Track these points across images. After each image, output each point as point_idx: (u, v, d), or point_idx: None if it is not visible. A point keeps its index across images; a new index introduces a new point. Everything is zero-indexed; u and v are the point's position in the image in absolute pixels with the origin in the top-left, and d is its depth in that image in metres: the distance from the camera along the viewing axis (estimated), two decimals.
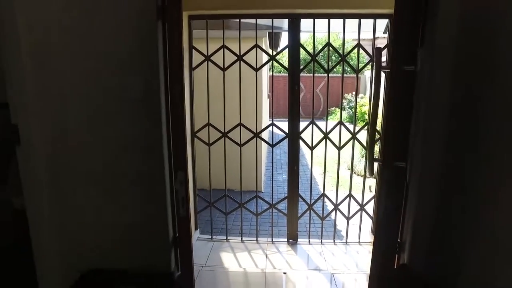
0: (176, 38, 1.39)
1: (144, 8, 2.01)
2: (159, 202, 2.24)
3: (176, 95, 1.39)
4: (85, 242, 2.35)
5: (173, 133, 1.54)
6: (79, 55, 2.09)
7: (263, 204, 3.15)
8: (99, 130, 2.19)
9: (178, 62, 1.39)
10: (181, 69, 1.39)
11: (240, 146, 2.90)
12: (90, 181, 2.27)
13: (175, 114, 1.44)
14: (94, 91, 2.13)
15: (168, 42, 1.69)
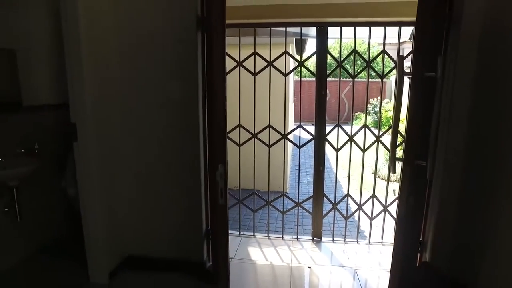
0: (220, 45, 1.57)
1: (186, 20, 2.24)
2: (195, 197, 2.46)
3: (219, 95, 1.57)
4: (127, 230, 2.61)
5: (214, 130, 1.71)
6: (130, 62, 2.36)
7: (289, 203, 3.30)
8: (143, 129, 2.45)
9: (221, 66, 1.58)
10: (224, 72, 1.57)
11: (269, 147, 3.07)
12: (133, 176, 2.53)
13: (218, 113, 1.61)
14: (141, 94, 2.39)
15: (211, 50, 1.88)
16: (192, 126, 2.36)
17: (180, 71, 2.32)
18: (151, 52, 2.33)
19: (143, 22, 2.32)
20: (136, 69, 2.37)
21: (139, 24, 2.32)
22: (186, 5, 2.24)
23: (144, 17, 2.31)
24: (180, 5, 2.25)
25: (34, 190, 2.81)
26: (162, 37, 2.31)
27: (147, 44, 2.33)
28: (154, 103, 2.39)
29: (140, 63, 2.36)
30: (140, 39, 2.33)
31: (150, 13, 2.30)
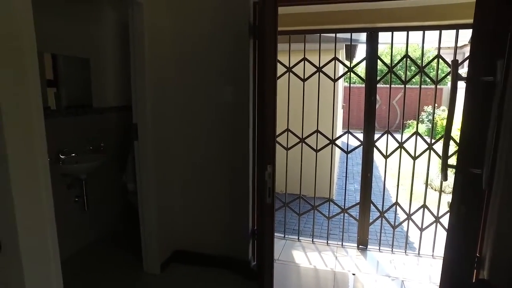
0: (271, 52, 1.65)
1: (240, 28, 2.38)
2: (243, 197, 2.57)
3: (270, 99, 1.65)
4: (177, 226, 2.78)
5: (263, 133, 1.80)
6: (186, 69, 2.55)
7: (335, 209, 3.28)
8: (196, 131, 2.61)
9: (272, 72, 1.65)
10: (275, 78, 1.65)
11: (316, 152, 3.09)
12: (185, 174, 2.70)
13: (268, 116, 1.69)
14: (196, 98, 2.56)
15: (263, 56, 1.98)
16: (243, 129, 2.48)
17: (233, 76, 2.46)
18: (206, 59, 2.50)
19: (199, 32, 2.49)
20: (191, 75, 2.55)
21: (195, 34, 2.50)
22: (240, 15, 2.38)
23: (200, 27, 2.49)
24: (234, 15, 2.39)
25: (99, 183, 3.12)
26: (217, 45, 2.47)
27: (202, 52, 2.50)
28: (208, 106, 2.55)
29: (196, 70, 2.54)
30: (196, 48, 2.52)
31: (206, 23, 2.47)
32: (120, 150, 3.34)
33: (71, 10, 2.77)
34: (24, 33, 1.47)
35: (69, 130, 2.80)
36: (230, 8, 2.40)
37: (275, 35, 1.66)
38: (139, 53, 2.31)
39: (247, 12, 2.38)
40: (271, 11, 1.68)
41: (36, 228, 1.59)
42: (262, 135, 2.00)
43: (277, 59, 1.69)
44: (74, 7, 2.81)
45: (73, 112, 2.83)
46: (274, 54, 1.66)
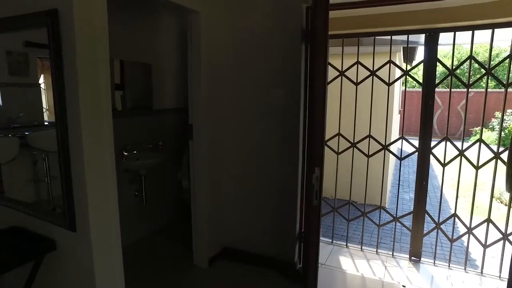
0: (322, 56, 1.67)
1: (292, 33, 2.42)
2: (291, 199, 2.60)
3: (320, 102, 1.67)
4: (226, 224, 2.89)
5: (313, 136, 1.82)
6: (239, 73, 2.65)
7: (386, 217, 3.15)
8: (247, 132, 2.70)
9: (322, 76, 1.67)
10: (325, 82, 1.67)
11: (368, 157, 3.01)
12: (235, 175, 2.80)
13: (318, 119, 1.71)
14: (248, 100, 2.66)
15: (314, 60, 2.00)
16: (293, 131, 2.52)
17: (285, 80, 2.51)
18: (260, 63, 2.58)
19: (253, 37, 2.58)
20: (245, 79, 2.65)
21: (249, 39, 2.60)
22: (292, 20, 2.42)
23: (254, 33, 2.57)
24: (287, 20, 2.44)
25: (156, 179, 3.36)
26: (270, 50, 2.53)
27: (256, 57, 2.59)
28: (260, 109, 2.63)
29: (249, 74, 2.63)
30: (249, 53, 2.61)
31: (260, 29, 2.55)
32: (176, 149, 3.57)
33: (136, 19, 3.04)
34: (99, 43, 1.67)
35: (132, 129, 3.07)
36: (283, 13, 2.46)
37: (326, 39, 1.67)
38: (196, 58, 2.47)
39: (299, 16, 2.41)
40: (322, 15, 1.70)
41: (103, 212, 1.78)
42: (311, 138, 2.01)
43: (327, 63, 1.70)
44: (139, 17, 3.08)
45: (136, 113, 3.10)
46: (324, 58, 1.68)
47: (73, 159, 1.68)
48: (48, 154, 2.39)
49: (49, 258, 1.90)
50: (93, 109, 1.66)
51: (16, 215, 2.12)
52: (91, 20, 1.60)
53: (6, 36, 2.01)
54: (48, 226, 1.91)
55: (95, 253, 1.73)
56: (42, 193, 2.31)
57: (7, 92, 2.20)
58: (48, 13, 1.56)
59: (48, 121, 2.58)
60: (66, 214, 1.75)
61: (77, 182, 1.70)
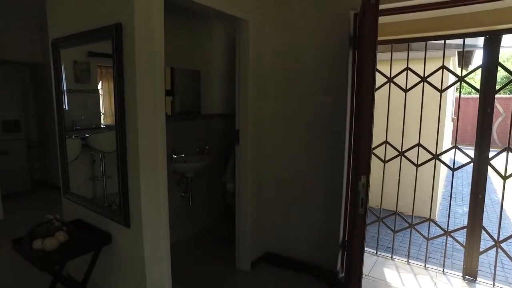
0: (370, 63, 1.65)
1: (339, 40, 2.41)
2: (335, 206, 2.57)
3: (368, 109, 1.65)
4: (269, 229, 2.92)
5: (360, 142, 1.79)
6: (286, 79, 2.69)
7: (436, 231, 2.98)
8: (292, 138, 2.72)
9: (371, 82, 1.65)
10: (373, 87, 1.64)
11: (417, 167, 2.88)
12: (279, 181, 2.83)
13: (365, 126, 1.69)
14: (294, 107, 2.68)
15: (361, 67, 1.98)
16: (339, 138, 2.50)
17: (331, 87, 2.50)
18: (306, 70, 2.60)
19: (300, 44, 2.61)
20: (291, 85, 2.67)
21: (296, 46, 2.62)
22: (340, 26, 2.41)
23: (302, 40, 2.60)
24: (334, 27, 2.44)
25: (202, 182, 3.49)
26: (317, 57, 2.54)
27: (303, 64, 2.61)
28: (306, 115, 2.64)
29: (296, 80, 2.65)
30: (296, 59, 2.63)
31: (307, 36, 2.57)
32: (222, 153, 3.69)
33: (186, 28, 3.20)
34: (156, 53, 1.80)
35: (180, 133, 3.22)
36: (330, 20, 2.46)
37: (375, 45, 1.65)
38: (244, 65, 2.55)
39: (347, 23, 2.40)
40: (371, 21, 1.69)
41: (155, 211, 1.90)
42: (357, 145, 1.98)
43: (376, 69, 1.67)
44: (189, 25, 3.25)
45: (184, 118, 3.25)
46: (373, 65, 1.65)
47: (129, 161, 1.82)
48: (104, 154, 2.60)
49: (105, 249, 2.07)
50: (149, 114, 1.78)
51: (78, 209, 2.33)
52: (150, 32, 1.74)
53: (77, 47, 2.23)
54: (106, 221, 2.08)
55: (146, 248, 1.85)
56: (97, 190, 2.51)
57: (72, 98, 2.43)
58: (113, 27, 1.72)
59: (104, 124, 2.81)
60: (122, 211, 1.89)
61: (133, 182, 1.83)
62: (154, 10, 1.75)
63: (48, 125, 5.24)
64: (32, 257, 1.76)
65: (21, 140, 4.88)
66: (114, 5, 1.76)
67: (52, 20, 2.36)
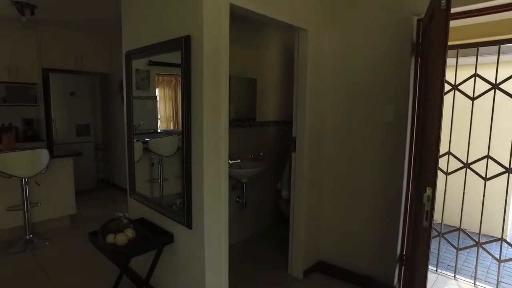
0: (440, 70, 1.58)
1: (401, 48, 2.35)
2: (393, 218, 2.48)
3: (435, 119, 1.58)
4: (323, 238, 2.88)
5: (425, 152, 1.72)
6: (345, 86, 2.67)
7: (509, 252, 2.73)
8: (351, 146, 2.67)
9: (439, 91, 1.58)
10: (441, 97, 1.57)
11: (485, 180, 2.67)
12: (335, 190, 2.79)
13: (431, 135, 1.62)
14: (353, 114, 2.64)
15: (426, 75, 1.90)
16: (398, 148, 2.41)
17: (391, 95, 2.42)
18: (366, 78, 2.55)
19: (360, 52, 2.57)
20: (350, 93, 2.64)
21: (356, 54, 2.59)
22: (401, 34, 2.35)
23: (361, 48, 2.56)
24: (395, 34, 2.37)
25: (256, 188, 3.55)
26: (377, 65, 2.48)
27: (362, 71, 2.56)
28: (363, 124, 2.58)
29: (354, 88, 2.61)
30: (356, 67, 2.60)
31: (367, 44, 2.53)
32: (276, 160, 3.73)
33: (243, 36, 3.31)
34: (222, 62, 1.89)
35: (236, 139, 3.32)
36: (391, 27, 2.40)
37: (444, 52, 1.58)
38: (302, 74, 2.57)
39: (409, 29, 2.32)
40: (441, 27, 1.62)
41: (216, 214, 1.98)
42: (421, 155, 1.90)
43: (444, 77, 1.60)
44: (247, 34, 3.35)
45: (240, 124, 3.34)
46: (442, 72, 1.58)
47: (194, 164, 1.92)
48: (162, 158, 2.76)
49: (167, 248, 2.19)
50: (213, 120, 1.87)
51: (142, 209, 2.50)
52: (217, 43, 1.84)
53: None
54: (168, 221, 2.21)
55: (206, 249, 1.93)
56: (154, 192, 2.67)
57: (133, 104, 2.61)
58: (183, 39, 1.84)
59: (162, 129, 2.99)
60: (185, 213, 1.99)
61: (196, 186, 1.93)
62: (222, 22, 1.84)
63: (111, 129, 5.72)
64: (106, 250, 1.93)
65: (90, 143, 5.35)
66: (184, 19, 1.89)
67: (126, 35, 2.58)
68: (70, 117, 5.13)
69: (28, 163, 3.22)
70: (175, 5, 1.96)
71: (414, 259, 2.10)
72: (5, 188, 3.34)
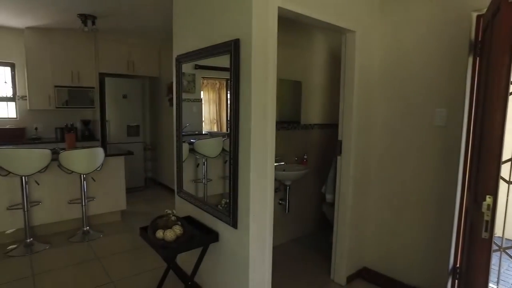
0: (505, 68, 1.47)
1: (457, 48, 2.21)
2: (444, 228, 2.33)
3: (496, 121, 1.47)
4: (368, 244, 2.79)
5: (485, 158, 1.60)
6: (393, 88, 2.57)
7: None
8: (399, 150, 2.57)
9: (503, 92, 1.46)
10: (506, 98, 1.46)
11: None
12: (382, 196, 2.69)
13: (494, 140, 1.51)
14: (401, 117, 2.54)
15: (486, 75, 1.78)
16: (451, 153, 2.27)
17: (445, 97, 2.29)
18: (416, 80, 2.43)
19: (410, 53, 2.46)
20: (399, 95, 2.53)
21: (406, 55, 2.49)
22: (457, 31, 2.21)
23: (412, 48, 2.45)
24: (450, 32, 2.24)
25: (299, 190, 3.53)
26: (429, 65, 2.36)
27: (412, 73, 2.45)
28: (414, 127, 2.46)
29: (403, 91, 2.51)
30: (405, 69, 2.49)
31: (418, 43, 2.41)
32: (320, 163, 3.68)
33: (288, 39, 3.31)
34: (270, 65, 1.91)
35: (280, 141, 3.32)
36: (446, 24, 2.27)
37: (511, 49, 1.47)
38: (349, 76, 2.52)
39: (467, 27, 2.18)
40: (507, 21, 1.50)
41: (261, 214, 2.00)
42: (479, 161, 1.77)
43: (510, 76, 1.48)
44: (293, 37, 3.35)
45: (284, 126, 3.35)
46: (507, 72, 1.47)
47: (241, 165, 1.95)
48: (207, 159, 2.84)
49: (212, 246, 2.25)
50: (261, 121, 1.90)
51: (188, 207, 2.59)
52: (265, 46, 1.86)
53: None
54: (214, 220, 2.26)
55: (251, 248, 1.95)
56: (198, 191, 2.75)
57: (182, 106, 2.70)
58: (232, 43, 1.89)
59: (206, 131, 3.07)
60: (231, 212, 2.03)
61: (243, 186, 1.96)
62: (270, 26, 1.87)
63: (159, 130, 6.00)
64: (156, 245, 2.02)
65: (139, 143, 5.66)
66: (233, 23, 1.94)
67: (176, 40, 2.70)
68: (122, 119, 5.47)
69: (87, 161, 3.47)
70: (224, 10, 2.02)
71: (470, 273, 1.97)
72: (67, 183, 3.64)
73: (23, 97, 5.02)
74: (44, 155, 3.23)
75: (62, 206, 3.66)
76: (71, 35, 4.90)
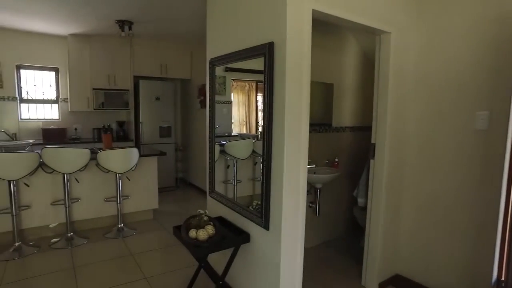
0: None
1: (501, 43, 2.11)
2: (487, 236, 2.22)
3: None
4: (401, 250, 2.71)
5: None
6: (430, 90, 2.48)
7: None
8: (435, 155, 2.47)
9: None
10: None
11: None
12: (417, 200, 2.60)
13: None
14: (438, 120, 2.44)
15: None
16: (493, 158, 2.16)
17: (485, 100, 2.19)
18: (454, 81, 2.34)
19: (448, 52, 2.37)
20: (436, 98, 2.44)
21: (443, 55, 2.39)
22: (502, 28, 2.10)
23: (450, 48, 2.36)
24: (493, 30, 2.14)
25: (330, 194, 3.49)
26: (468, 66, 2.26)
27: (450, 74, 2.36)
28: (451, 131, 2.37)
29: (441, 93, 2.41)
30: (443, 69, 2.40)
31: (457, 43, 2.32)
32: (352, 166, 3.62)
33: (321, 40, 3.28)
34: (304, 67, 1.91)
35: (311, 144, 3.29)
36: (489, 24, 2.16)
37: None
38: (383, 78, 2.46)
39: (511, 23, 2.06)
40: None
41: (293, 217, 2.00)
42: None
43: None
44: (325, 39, 3.32)
45: (315, 129, 3.32)
46: None
47: (274, 167, 1.96)
48: (237, 160, 2.86)
49: (244, 247, 2.27)
50: (294, 124, 1.90)
51: (219, 207, 2.63)
52: (299, 49, 1.86)
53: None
54: (245, 222, 2.28)
55: (282, 250, 1.95)
56: (228, 193, 2.77)
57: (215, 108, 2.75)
58: (267, 46, 1.90)
59: (237, 133, 3.10)
60: (263, 214, 2.04)
61: (275, 188, 1.97)
62: (304, 28, 1.87)
63: (190, 132, 6.14)
64: (189, 244, 2.07)
65: (170, 144, 5.81)
66: (268, 26, 1.95)
67: (210, 43, 2.75)
68: (155, 120, 5.64)
69: (123, 160, 3.62)
70: (258, 13, 2.04)
71: None
72: (103, 181, 3.81)
73: (65, 99, 5.32)
74: (84, 155, 3.40)
75: (99, 204, 3.83)
76: (108, 40, 5.14)
